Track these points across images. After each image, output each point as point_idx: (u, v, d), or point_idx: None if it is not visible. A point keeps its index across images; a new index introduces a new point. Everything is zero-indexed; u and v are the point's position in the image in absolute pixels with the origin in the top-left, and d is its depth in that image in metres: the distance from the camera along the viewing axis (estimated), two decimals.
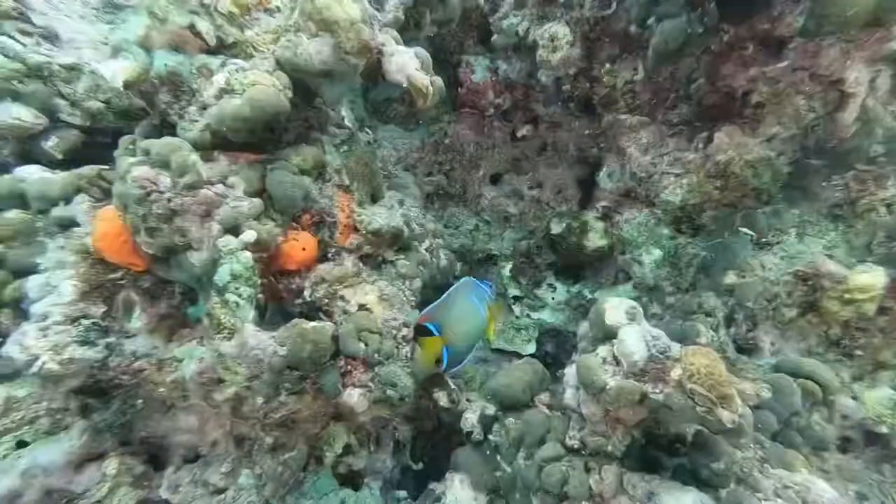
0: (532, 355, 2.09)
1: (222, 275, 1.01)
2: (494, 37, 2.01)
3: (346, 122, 1.99)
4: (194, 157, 1.05)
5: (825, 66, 1.07)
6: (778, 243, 1.27)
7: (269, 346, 1.03)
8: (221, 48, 1.16)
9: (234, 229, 1.08)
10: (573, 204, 2.31)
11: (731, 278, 1.31)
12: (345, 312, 1.21)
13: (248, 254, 1.04)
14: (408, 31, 1.94)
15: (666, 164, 1.75)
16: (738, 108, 1.45)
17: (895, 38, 0.98)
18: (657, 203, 1.80)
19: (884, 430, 1.15)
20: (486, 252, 2.42)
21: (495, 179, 2.49)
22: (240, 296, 1.02)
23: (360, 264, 1.36)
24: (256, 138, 1.27)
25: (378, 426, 1.53)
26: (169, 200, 1.02)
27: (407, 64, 1.32)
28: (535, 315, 2.25)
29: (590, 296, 2.14)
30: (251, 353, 1.01)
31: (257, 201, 1.12)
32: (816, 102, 1.16)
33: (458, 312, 1.42)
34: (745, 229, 1.36)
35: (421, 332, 1.29)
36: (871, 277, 1.05)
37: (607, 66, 1.80)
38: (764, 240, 1.30)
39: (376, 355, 1.14)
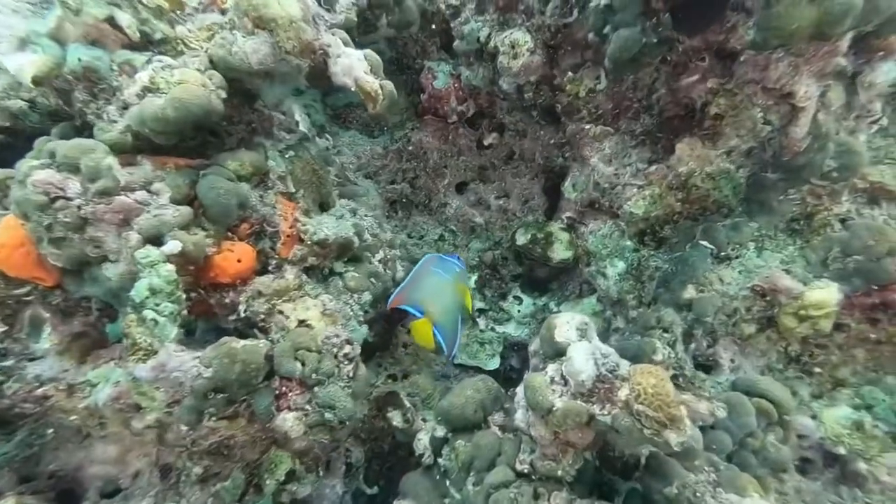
0: (496, 370, 2.06)
1: (139, 290, 0.94)
2: (456, 42, 1.99)
3: (301, 127, 1.93)
4: (110, 160, 0.97)
5: (774, 80, 1.07)
6: (737, 257, 1.27)
7: (192, 367, 0.96)
8: (148, 44, 1.09)
9: (156, 240, 1.00)
10: (540, 214, 2.30)
11: (690, 292, 1.30)
12: (283, 329, 1.14)
13: (170, 266, 0.96)
14: (368, 33, 1.91)
15: (629, 175, 1.75)
16: (698, 119, 1.46)
17: (842, 52, 0.99)
18: (621, 215, 1.79)
19: (842, 450, 1.15)
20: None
21: (461, 188, 2.46)
22: (159, 313, 0.94)
23: (304, 277, 1.30)
24: (189, 141, 1.21)
25: (327, 449, 1.45)
26: (79, 208, 0.94)
27: (354, 66, 1.28)
28: (499, 328, 2.21)
29: (555, 308, 2.12)
30: (170, 375, 0.93)
31: (185, 209, 1.05)
32: (772, 116, 1.17)
33: (431, 288, 1.42)
34: (704, 242, 1.35)
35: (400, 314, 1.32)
36: (826, 294, 1.05)
37: (569, 74, 1.80)
38: (723, 253, 1.29)
39: (314, 375, 1.08)
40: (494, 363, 2.11)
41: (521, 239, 2.16)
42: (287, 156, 1.38)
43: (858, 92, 1.05)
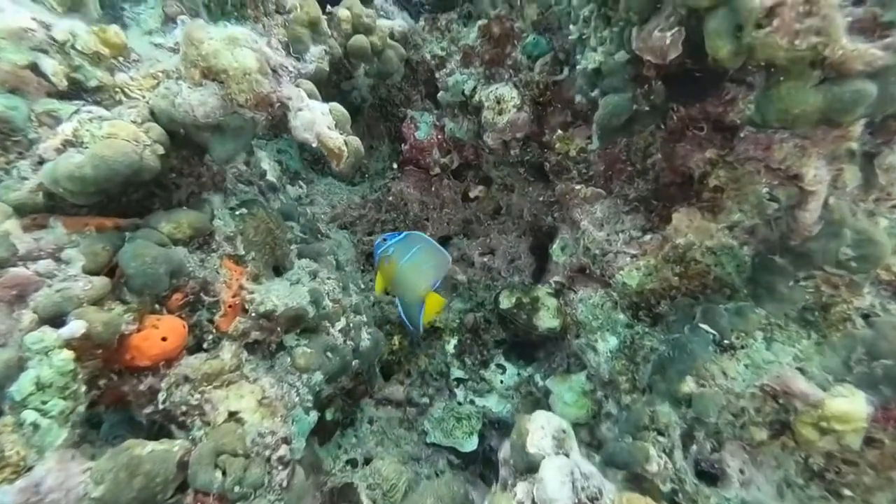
0: (473, 452, 1.88)
1: (22, 384, 0.79)
2: (441, 93, 1.95)
3: (268, 176, 1.84)
4: (8, 225, 0.85)
5: (779, 161, 1.00)
6: (743, 348, 1.15)
7: (79, 484, 0.80)
8: (81, 92, 1.00)
9: (57, 319, 0.86)
10: (526, 275, 2.19)
11: (689, 385, 1.17)
12: (208, 424, 0.99)
13: (66, 354, 0.82)
14: (346, 79, 1.86)
15: (622, 242, 1.66)
16: (696, 189, 1.38)
17: (854, 137, 0.92)
18: (613, 284, 1.68)
19: None
20: (429, 323, 2.23)
21: (443, 242, 2.36)
22: (44, 413, 0.79)
23: (244, 355, 1.16)
24: (126, 197, 1.10)
25: None
26: None
27: (317, 121, 1.20)
28: (479, 401, 2.05)
29: (541, 382, 1.97)
30: (47, 498, 0.77)
31: (99, 281, 0.92)
32: (779, 193, 1.09)
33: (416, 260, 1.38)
34: (705, 326, 1.24)
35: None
36: (851, 405, 0.92)
37: (559, 132, 1.75)
38: (727, 342, 1.18)
39: (237, 488, 0.91)
40: (472, 443, 1.93)
41: (506, 302, 2.03)
42: (238, 213, 1.27)
43: (877, 173, 0.97)
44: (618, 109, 1.21)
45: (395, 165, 2.31)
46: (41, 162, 0.93)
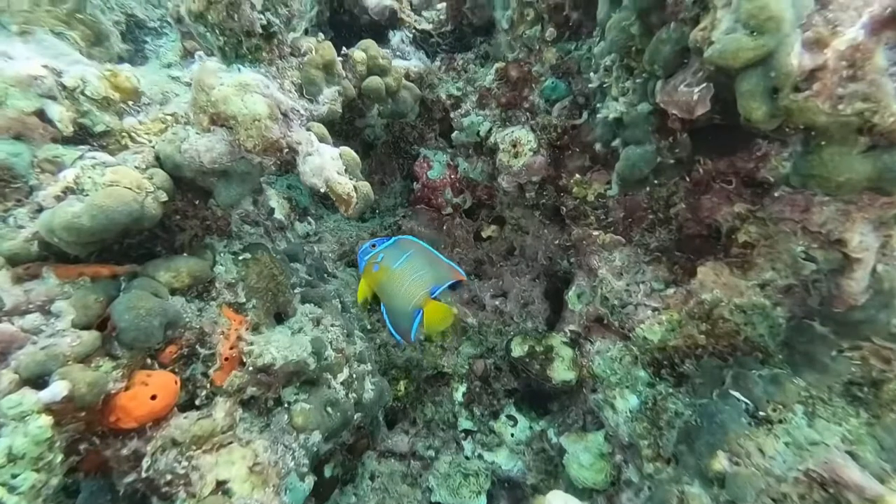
0: None
1: None
2: (455, 133, 1.94)
3: (276, 215, 1.83)
4: None
5: (819, 224, 0.94)
6: (781, 422, 1.06)
7: None
8: (88, 137, 0.99)
9: (39, 379, 0.82)
10: (540, 321, 2.11)
11: (721, 463, 1.08)
12: (192, 496, 0.92)
13: (44, 420, 0.77)
14: (359, 117, 1.86)
15: (642, 294, 1.59)
16: (724, 244, 1.32)
17: None
18: (632, 338, 1.61)
19: None
20: (436, 368, 2.16)
21: (453, 283, 2.30)
22: (13, 489, 0.74)
23: (239, 413, 1.10)
24: (121, 244, 1.07)
25: None
26: None
27: (326, 166, 1.17)
28: (488, 456, 1.95)
29: (555, 439, 1.87)
30: None
31: (87, 337, 0.88)
32: (816, 253, 1.02)
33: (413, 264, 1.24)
34: (737, 393, 1.15)
35: None
36: None
37: (577, 176, 1.71)
38: (762, 414, 1.09)
39: None
40: (480, 503, 1.82)
41: (518, 350, 1.96)
42: (241, 259, 1.24)
43: None
44: (640, 162, 1.17)
45: (406, 204, 2.29)
46: (39, 210, 0.91)
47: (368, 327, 2.24)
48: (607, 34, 1.16)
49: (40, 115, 0.92)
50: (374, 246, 1.31)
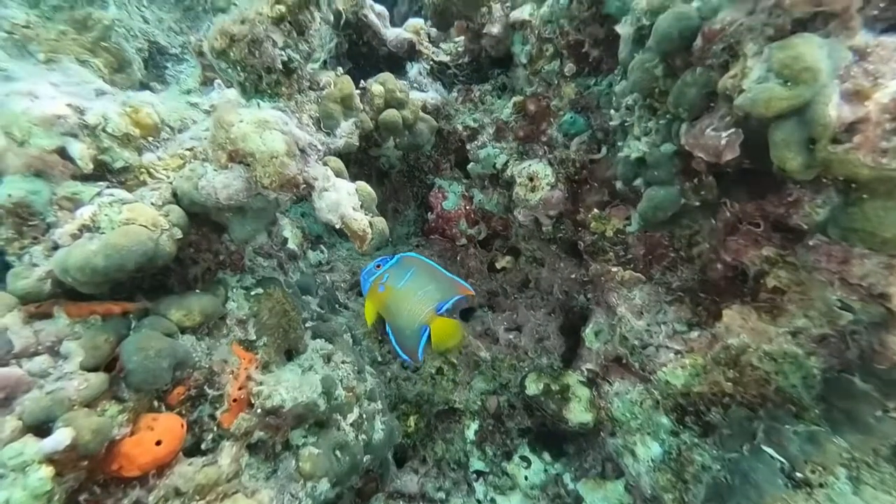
0: None
1: None
2: (471, 164, 1.94)
3: (289, 244, 1.82)
4: (8, 319, 0.81)
5: (859, 277, 0.90)
6: (822, 486, 1.00)
7: None
8: (107, 174, 0.99)
9: (43, 426, 0.80)
10: (555, 358, 2.06)
11: None
12: None
13: (45, 472, 0.75)
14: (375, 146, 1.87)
15: (664, 335, 1.54)
16: (750, 287, 1.28)
17: None
18: (654, 381, 1.55)
19: None
20: (448, 404, 2.11)
21: (466, 314, 2.28)
22: None
23: (246, 458, 1.07)
24: (129, 281, 1.06)
25: None
26: None
27: (342, 202, 1.17)
28: (501, 500, 1.88)
29: (571, 484, 1.80)
30: None
31: (95, 380, 0.87)
32: (854, 304, 0.98)
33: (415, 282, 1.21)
34: (770, 450, 1.09)
35: None
36: None
37: (595, 211, 1.69)
38: (799, 475, 1.03)
39: None
40: None
41: (533, 388, 1.91)
42: (254, 294, 1.22)
43: None
44: (664, 203, 1.14)
45: (419, 233, 2.28)
46: (55, 248, 0.90)
47: (379, 359, 2.21)
48: (630, 74, 1.15)
49: (61, 152, 0.93)
50: (378, 266, 1.29)
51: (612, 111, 1.32)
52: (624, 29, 1.22)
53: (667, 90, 1.09)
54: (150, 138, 1.08)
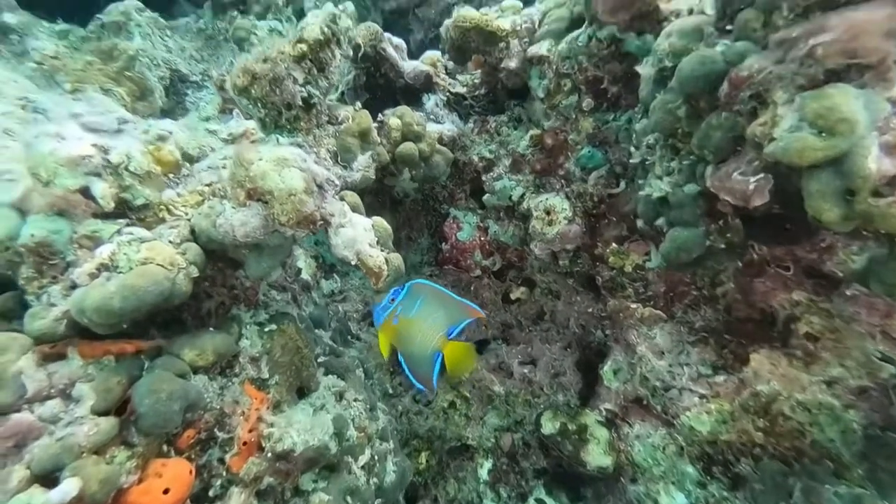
0: None
1: None
2: (486, 196, 1.93)
3: (303, 275, 1.82)
4: (22, 363, 0.81)
5: None
6: None
7: None
8: (127, 211, 1.00)
9: (52, 474, 0.79)
10: (572, 395, 2.01)
11: None
12: None
13: None
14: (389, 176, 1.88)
15: (687, 377, 1.50)
16: (780, 331, 1.23)
17: None
18: (677, 426, 1.50)
19: None
20: (460, 440, 2.07)
21: (480, 347, 2.24)
22: None
23: None
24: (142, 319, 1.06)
25: None
26: None
27: (358, 238, 1.16)
28: None
29: None
30: None
31: (105, 424, 0.85)
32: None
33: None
34: None
35: None
36: None
37: (613, 245, 1.66)
38: None
39: None
40: None
41: (549, 426, 1.85)
42: (267, 330, 1.21)
43: None
44: (688, 245, 1.12)
45: (433, 262, 2.27)
46: (73, 287, 0.91)
47: (390, 391, 2.18)
48: (651, 114, 1.15)
49: (84, 192, 0.94)
50: (392, 300, 1.26)
51: (633, 148, 1.31)
52: (645, 69, 1.22)
53: (690, 131, 1.08)
54: (171, 175, 1.09)
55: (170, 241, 0.97)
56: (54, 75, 2.17)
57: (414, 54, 2.24)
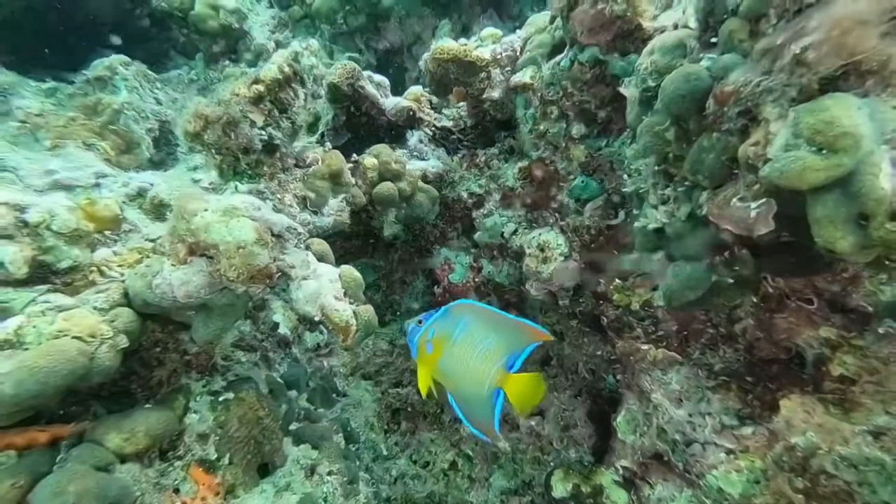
0: None
1: None
2: (478, 233, 1.85)
3: (281, 329, 1.74)
4: None
5: None
6: None
7: None
8: (50, 275, 0.94)
9: None
10: (585, 451, 1.85)
11: None
12: None
13: None
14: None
15: (710, 429, 1.35)
16: (811, 373, 1.10)
17: None
18: (703, 487, 1.34)
19: None
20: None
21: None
22: None
23: None
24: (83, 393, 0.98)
25: None
26: None
27: (322, 291, 1.08)
28: None
29: None
30: None
31: None
32: None
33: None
34: None
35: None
36: None
37: (617, 282, 1.55)
38: None
39: None
40: None
41: (560, 488, 1.70)
42: (222, 399, 1.12)
43: None
44: (692, 282, 1.01)
45: (429, 306, 2.18)
46: None
47: (384, 452, 2.05)
48: (639, 138, 1.06)
49: None
50: (420, 322, 1.07)
51: (626, 177, 1.23)
52: (629, 91, 1.15)
53: (682, 155, 0.99)
54: (108, 231, 1.03)
55: (95, 308, 0.89)
56: (35, 133, 2.20)
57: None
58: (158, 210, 1.23)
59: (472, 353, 0.98)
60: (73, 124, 2.25)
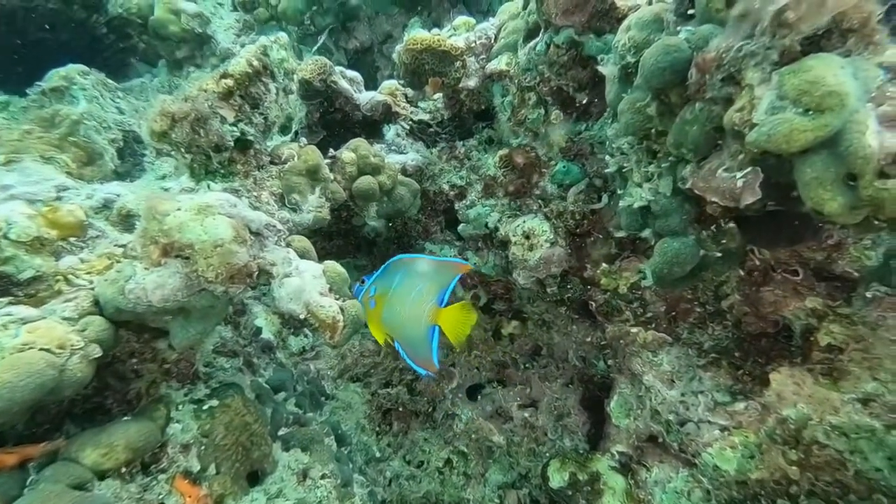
0: None
1: None
2: (462, 226, 1.83)
3: (264, 334, 1.69)
4: None
5: None
6: None
7: None
8: (11, 286, 0.89)
9: None
10: (579, 438, 1.85)
11: None
12: None
13: None
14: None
15: (703, 407, 1.36)
16: (798, 345, 1.11)
17: None
18: (699, 465, 1.35)
19: None
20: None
21: (474, 393, 2.09)
22: None
23: None
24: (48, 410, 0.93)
25: None
26: None
27: (306, 288, 1.05)
28: None
29: None
30: None
31: None
32: None
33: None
34: None
35: None
36: None
37: (604, 265, 1.55)
38: None
39: None
40: None
41: (557, 478, 1.69)
42: (206, 408, 1.08)
43: None
44: (680, 257, 1.01)
45: None
46: None
47: (377, 454, 2.01)
48: (620, 116, 1.06)
49: None
50: (362, 282, 1.23)
51: (608, 157, 1.23)
52: (608, 69, 1.15)
53: (664, 130, 0.99)
54: (74, 238, 0.98)
55: (63, 318, 0.85)
56: None
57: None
58: (126, 221, 1.18)
59: (406, 301, 1.12)
60: (29, 137, 2.16)
